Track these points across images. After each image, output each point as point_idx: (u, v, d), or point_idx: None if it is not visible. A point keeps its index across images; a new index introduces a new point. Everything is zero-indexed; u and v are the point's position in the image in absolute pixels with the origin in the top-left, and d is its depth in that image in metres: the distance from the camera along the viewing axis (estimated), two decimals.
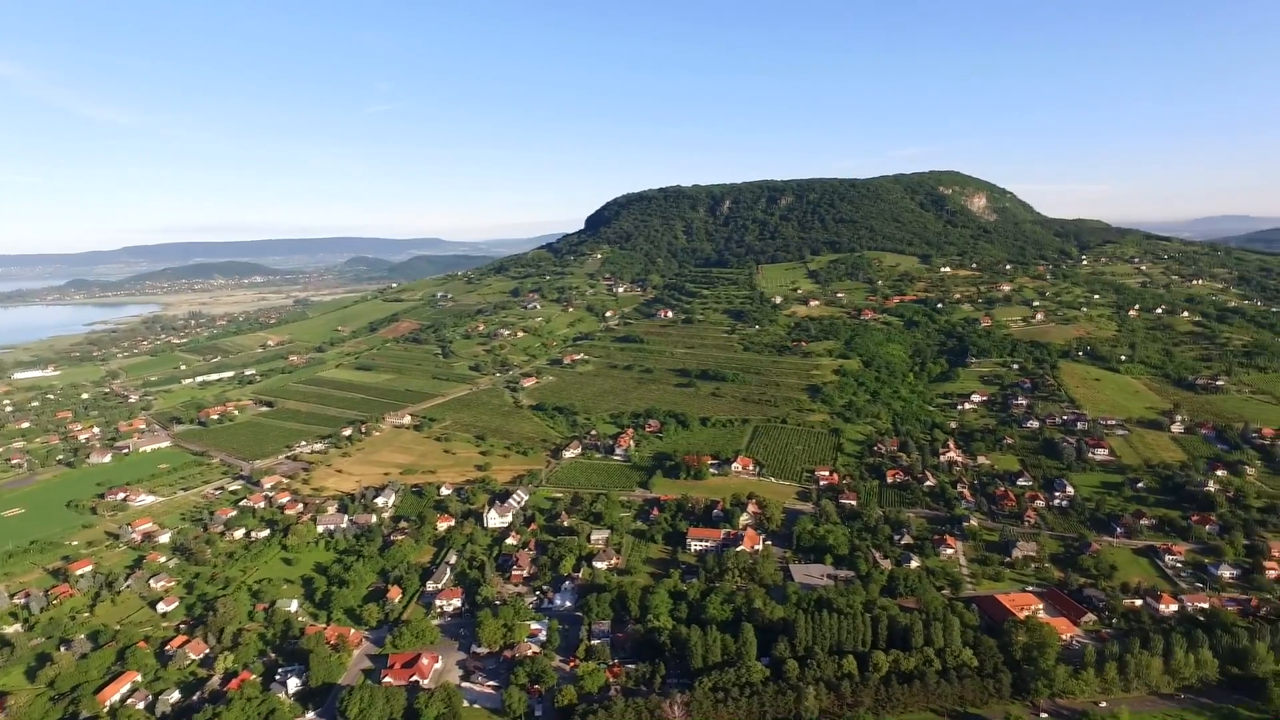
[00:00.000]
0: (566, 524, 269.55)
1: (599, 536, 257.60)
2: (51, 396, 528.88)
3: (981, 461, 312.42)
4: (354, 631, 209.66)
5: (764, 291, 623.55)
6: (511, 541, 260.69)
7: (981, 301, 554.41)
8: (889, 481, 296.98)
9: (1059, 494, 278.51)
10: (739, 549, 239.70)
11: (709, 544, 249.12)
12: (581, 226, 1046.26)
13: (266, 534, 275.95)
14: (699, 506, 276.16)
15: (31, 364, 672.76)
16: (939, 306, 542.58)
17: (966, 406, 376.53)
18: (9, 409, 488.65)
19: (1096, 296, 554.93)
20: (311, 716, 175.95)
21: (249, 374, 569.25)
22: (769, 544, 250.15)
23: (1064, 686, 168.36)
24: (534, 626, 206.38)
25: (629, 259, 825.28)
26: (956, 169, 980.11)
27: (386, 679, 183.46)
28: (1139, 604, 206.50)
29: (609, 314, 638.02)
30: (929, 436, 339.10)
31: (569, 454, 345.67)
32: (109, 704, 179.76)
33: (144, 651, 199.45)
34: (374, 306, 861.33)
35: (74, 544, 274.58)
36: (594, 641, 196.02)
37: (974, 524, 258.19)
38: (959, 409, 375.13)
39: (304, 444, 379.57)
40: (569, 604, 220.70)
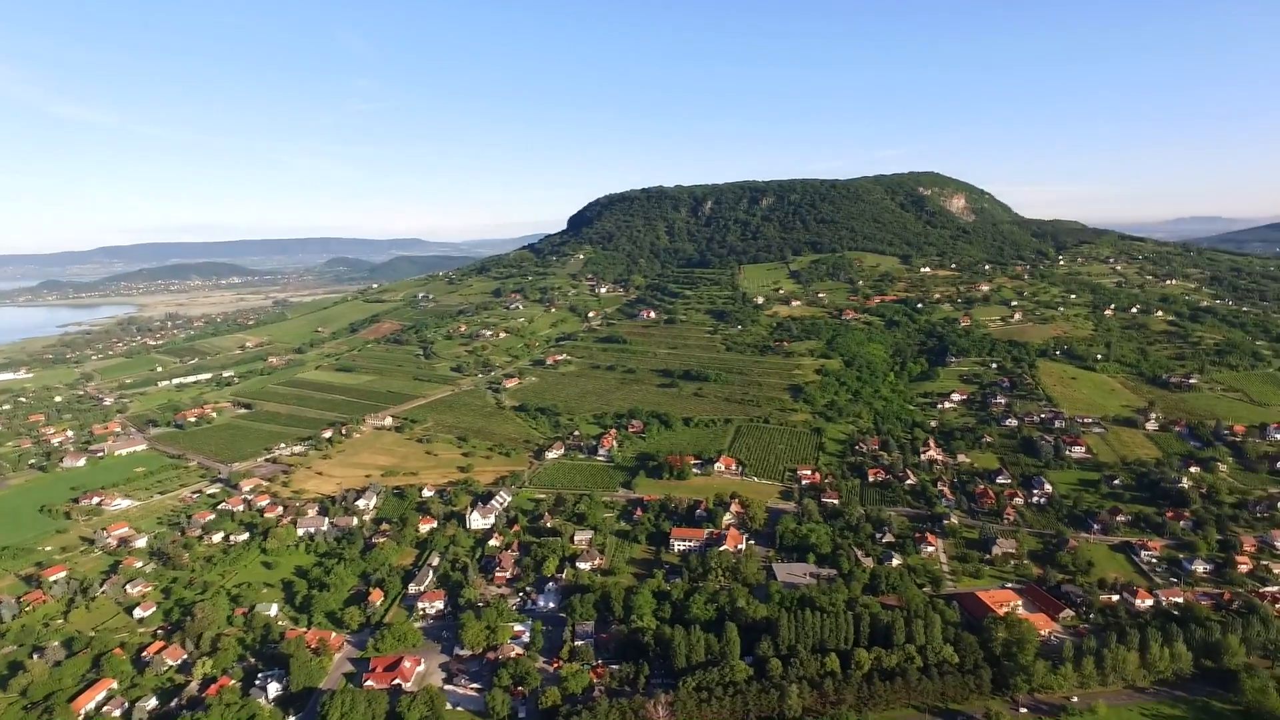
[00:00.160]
0: (549, 525, 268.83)
1: (582, 537, 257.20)
2: (23, 399, 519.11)
3: (961, 460, 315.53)
4: (335, 635, 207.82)
5: (746, 292, 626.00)
6: (494, 543, 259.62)
7: (961, 301, 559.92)
8: (870, 480, 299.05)
9: (1037, 491, 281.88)
10: (722, 548, 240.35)
11: (692, 544, 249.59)
12: (564, 227, 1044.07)
13: (245, 537, 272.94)
14: (682, 506, 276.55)
15: (3, 366, 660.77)
16: (919, 306, 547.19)
17: (946, 405, 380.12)
18: None
19: (1073, 296, 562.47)
20: None
21: (227, 376, 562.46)
22: (752, 543, 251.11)
23: (1043, 682, 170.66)
24: (517, 628, 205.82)
25: (611, 259, 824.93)
26: (936, 170, 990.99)
27: (368, 682, 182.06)
28: (1116, 599, 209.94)
29: (591, 314, 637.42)
30: (910, 435, 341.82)
31: (552, 455, 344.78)
32: (84, 712, 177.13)
33: (120, 658, 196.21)
34: (354, 307, 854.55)
35: (47, 549, 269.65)
36: (578, 642, 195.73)
37: (954, 522, 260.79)
38: (939, 408, 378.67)
39: (283, 446, 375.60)
40: (552, 605, 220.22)
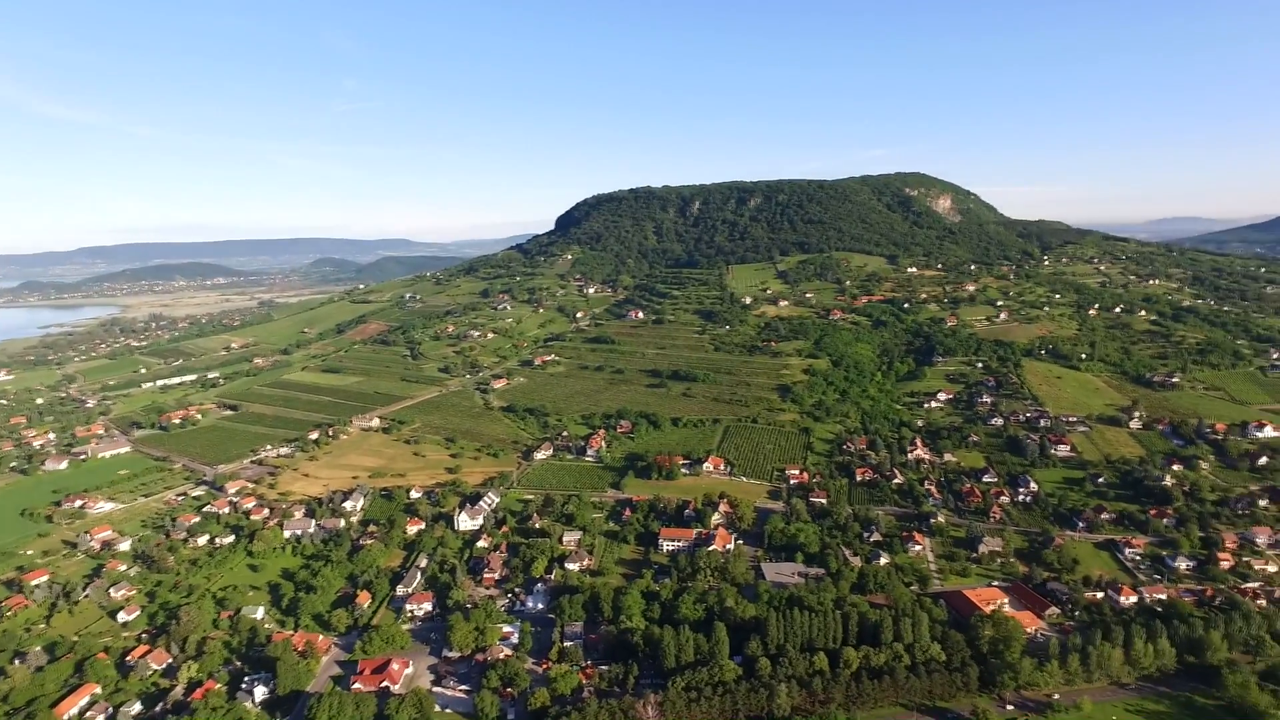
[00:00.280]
0: (538, 526, 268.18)
1: (571, 538, 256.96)
2: (4, 401, 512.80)
3: (948, 459, 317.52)
4: (322, 637, 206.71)
5: (734, 292, 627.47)
6: (483, 544, 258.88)
7: (947, 301, 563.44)
8: (858, 479, 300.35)
9: (1023, 490, 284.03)
10: (711, 548, 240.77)
11: (681, 544, 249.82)
12: (551, 227, 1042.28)
13: (231, 540, 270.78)
14: (671, 507, 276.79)
15: None
16: (906, 306, 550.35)
17: (933, 405, 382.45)
18: None
19: (1058, 296, 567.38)
20: None
21: (212, 377, 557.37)
22: (741, 543, 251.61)
23: (1029, 679, 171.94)
24: (506, 629, 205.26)
25: (599, 260, 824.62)
26: (922, 170, 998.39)
27: (356, 685, 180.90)
28: (1100, 596, 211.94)
29: (580, 315, 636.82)
30: (897, 435, 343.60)
31: (540, 455, 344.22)
32: (67, 718, 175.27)
33: (103, 662, 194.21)
34: (341, 308, 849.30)
35: (29, 553, 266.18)
36: (567, 643, 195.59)
37: (941, 520, 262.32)
38: (926, 407, 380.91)
39: (269, 448, 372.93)
40: (541, 606, 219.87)
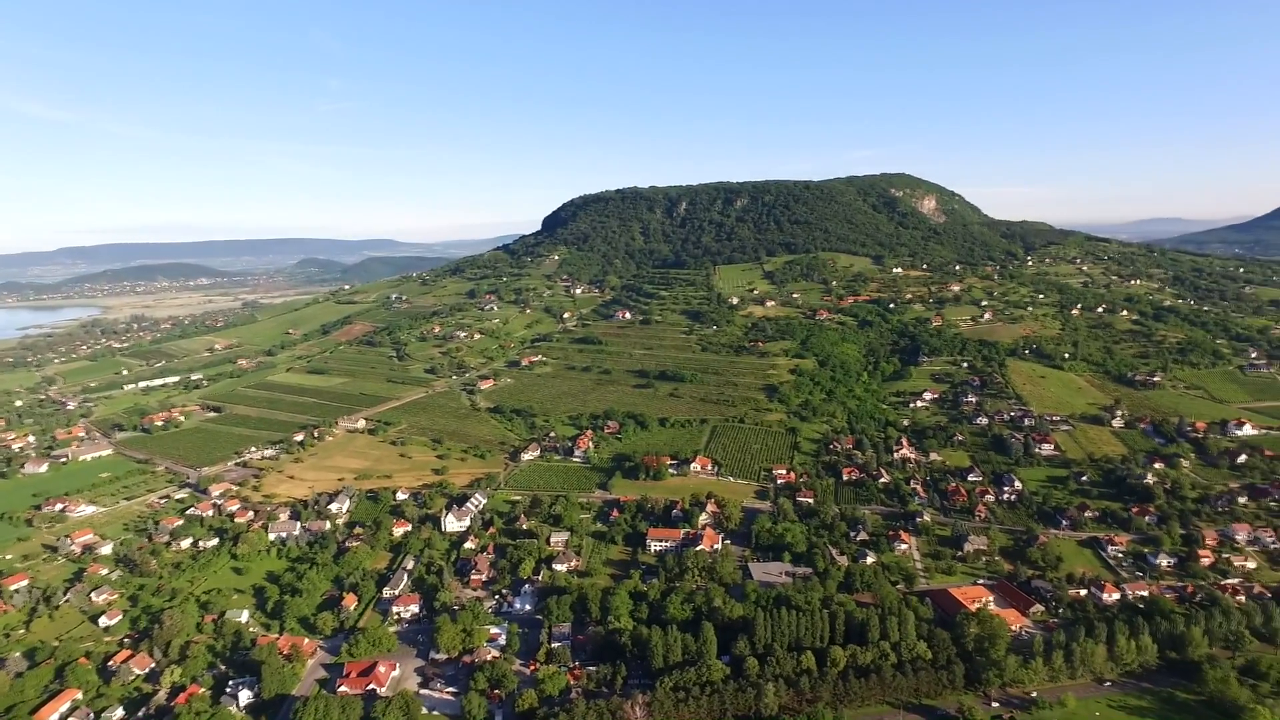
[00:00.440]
0: (525, 527, 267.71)
1: (558, 539, 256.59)
2: None
3: (934, 458, 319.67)
4: (308, 641, 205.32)
5: (721, 292, 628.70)
6: (470, 545, 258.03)
7: (932, 301, 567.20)
8: (845, 479, 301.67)
9: (1007, 488, 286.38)
10: (698, 548, 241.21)
11: (669, 544, 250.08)
12: (538, 228, 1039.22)
13: (215, 543, 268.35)
14: (658, 507, 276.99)
15: None
16: (891, 306, 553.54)
17: (919, 404, 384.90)
18: None
19: (1041, 296, 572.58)
20: None
21: (195, 379, 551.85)
22: (728, 543, 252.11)
23: (1014, 676, 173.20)
24: (493, 631, 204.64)
25: (586, 260, 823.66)
26: (908, 171, 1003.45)
27: (342, 688, 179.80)
28: (1084, 594, 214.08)
29: (567, 315, 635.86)
30: (883, 434, 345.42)
31: (527, 456, 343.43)
32: None
33: (85, 668, 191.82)
34: (326, 309, 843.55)
35: (8, 558, 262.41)
36: (554, 644, 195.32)
37: (927, 519, 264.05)
38: (911, 407, 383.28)
39: (254, 450, 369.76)
40: (529, 607, 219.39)
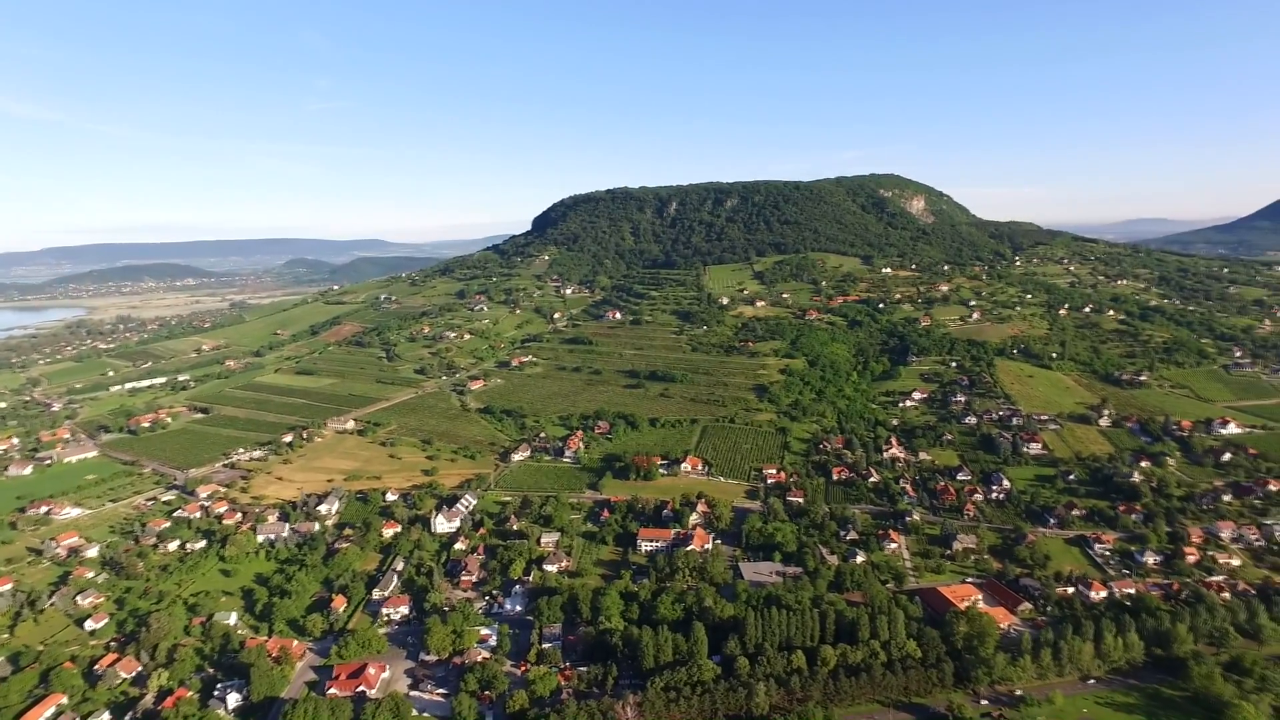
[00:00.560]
0: (516, 527, 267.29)
1: (549, 539, 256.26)
2: None
3: (923, 457, 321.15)
4: (297, 643, 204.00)
5: (711, 292, 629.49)
6: (460, 546, 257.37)
7: (921, 301, 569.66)
8: (835, 479, 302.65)
9: (996, 487, 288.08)
10: (689, 548, 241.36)
11: (659, 544, 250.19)
12: (528, 228, 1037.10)
13: (203, 545, 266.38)
14: (649, 507, 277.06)
15: None
16: (880, 306, 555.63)
17: (908, 404, 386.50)
18: None
19: (1029, 296, 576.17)
20: None
21: (182, 380, 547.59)
22: (719, 543, 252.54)
23: (1003, 674, 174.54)
24: (484, 632, 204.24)
25: (576, 260, 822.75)
26: (897, 172, 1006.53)
27: (331, 690, 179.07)
28: (1071, 592, 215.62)
29: (557, 315, 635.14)
30: (872, 434, 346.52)
31: (518, 457, 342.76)
32: None
33: (70, 672, 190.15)
34: (315, 309, 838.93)
35: None
36: (545, 645, 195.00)
37: (916, 518, 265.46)
38: (901, 406, 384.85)
39: (242, 451, 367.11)
40: (519, 608, 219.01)
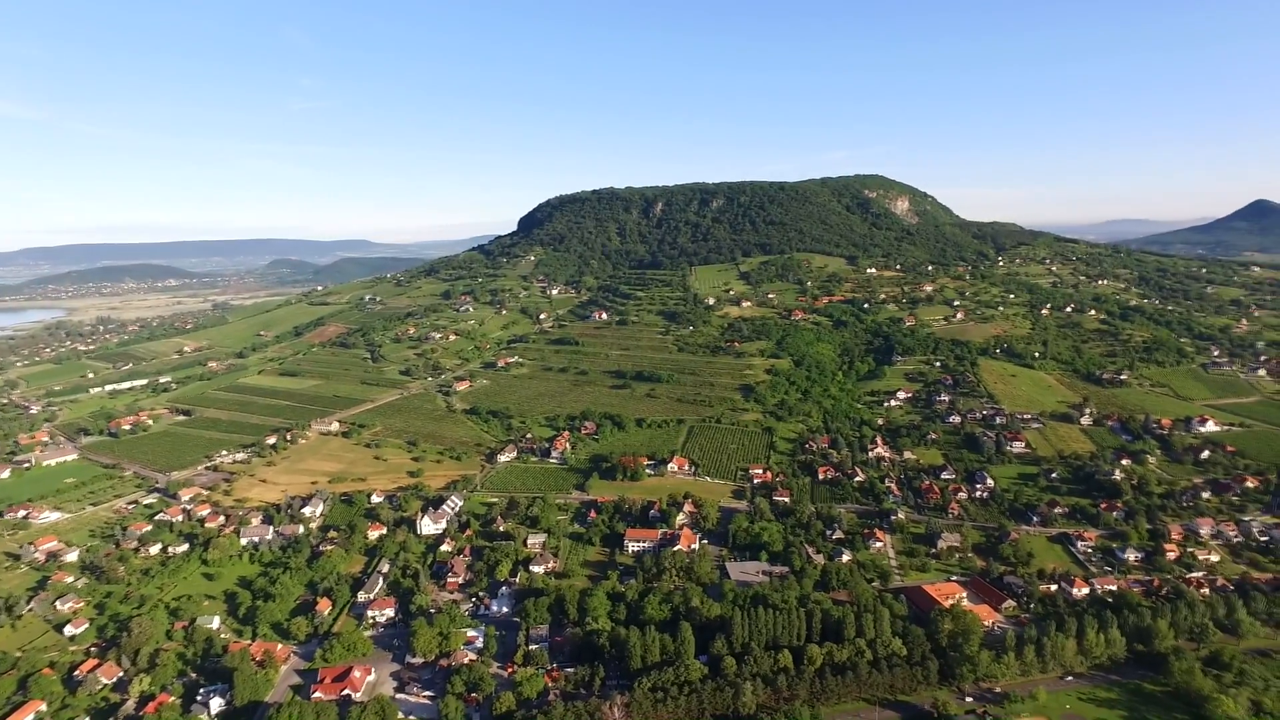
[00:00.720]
0: (502, 529, 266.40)
1: (535, 540, 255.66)
2: None
3: (908, 456, 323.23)
4: (281, 646, 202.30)
5: (697, 293, 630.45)
6: (446, 548, 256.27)
7: (905, 301, 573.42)
8: (820, 478, 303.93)
9: (980, 486, 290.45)
10: (676, 549, 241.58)
11: (646, 544, 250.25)
12: (514, 228, 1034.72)
13: (185, 548, 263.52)
14: (636, 507, 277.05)
15: None
16: (865, 306, 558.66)
17: (893, 403, 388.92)
18: None
19: (1012, 296, 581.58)
20: None
21: (164, 382, 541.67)
22: (705, 543, 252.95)
23: (987, 671, 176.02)
24: (470, 634, 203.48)
25: (562, 261, 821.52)
26: (881, 172, 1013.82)
27: (316, 694, 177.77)
28: (1054, 589, 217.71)
29: (543, 316, 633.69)
30: (858, 433, 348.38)
31: (504, 458, 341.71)
32: None
33: (49, 678, 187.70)
34: (299, 310, 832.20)
35: None
36: (532, 646, 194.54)
37: (901, 517, 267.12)
38: (886, 406, 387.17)
39: (225, 454, 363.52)
40: (506, 609, 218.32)
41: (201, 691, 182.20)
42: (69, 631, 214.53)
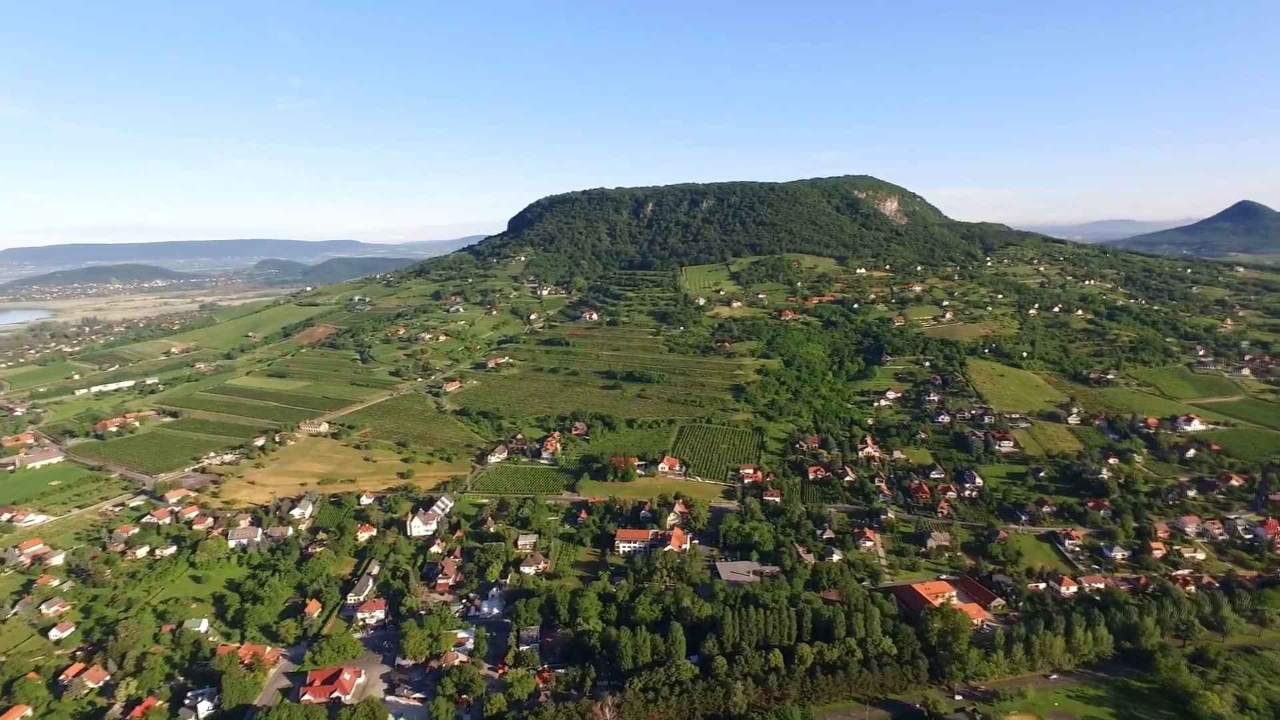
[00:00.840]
0: (493, 530, 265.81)
1: (526, 541, 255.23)
2: None
3: (897, 456, 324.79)
4: (270, 649, 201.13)
5: (687, 293, 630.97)
6: (436, 550, 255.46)
7: (895, 301, 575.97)
8: (811, 478, 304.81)
9: (969, 485, 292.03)
10: (667, 549, 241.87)
11: (637, 545, 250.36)
12: (504, 228, 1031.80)
13: (173, 551, 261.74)
14: (627, 508, 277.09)
15: None
16: (855, 307, 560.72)
17: (882, 403, 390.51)
18: None
19: (1000, 296, 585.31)
20: None
21: (151, 383, 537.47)
22: (696, 543, 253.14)
23: (977, 669, 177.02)
24: (461, 635, 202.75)
25: (553, 261, 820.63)
26: (870, 173, 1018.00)
27: (306, 697, 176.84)
28: (1042, 587, 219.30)
29: (533, 316, 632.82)
30: (848, 433, 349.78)
31: (494, 459, 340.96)
32: None
33: (34, 683, 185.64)
34: (287, 311, 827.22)
35: None
36: (523, 647, 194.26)
37: (891, 517, 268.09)
38: (875, 406, 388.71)
39: (213, 455, 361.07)
40: (497, 611, 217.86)
41: (189, 695, 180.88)
42: (54, 635, 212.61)
